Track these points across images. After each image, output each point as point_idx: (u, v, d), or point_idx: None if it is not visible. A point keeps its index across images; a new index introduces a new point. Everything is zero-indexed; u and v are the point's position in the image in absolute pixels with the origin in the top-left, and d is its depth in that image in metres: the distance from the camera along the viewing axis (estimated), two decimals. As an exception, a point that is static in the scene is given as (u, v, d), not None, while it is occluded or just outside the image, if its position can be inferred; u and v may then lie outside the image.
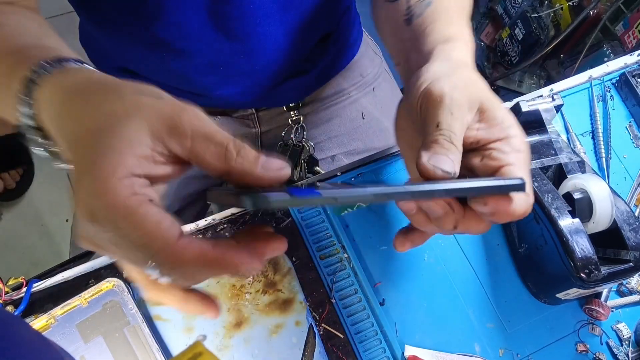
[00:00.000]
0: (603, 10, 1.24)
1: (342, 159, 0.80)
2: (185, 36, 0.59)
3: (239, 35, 0.60)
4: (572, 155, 0.55)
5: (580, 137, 0.65)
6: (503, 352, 0.55)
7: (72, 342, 0.49)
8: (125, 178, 0.28)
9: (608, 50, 1.28)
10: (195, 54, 0.61)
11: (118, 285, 0.51)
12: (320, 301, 0.55)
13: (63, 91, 0.33)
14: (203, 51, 0.61)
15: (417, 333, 0.54)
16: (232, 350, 0.51)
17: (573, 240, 0.48)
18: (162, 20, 0.56)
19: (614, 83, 0.69)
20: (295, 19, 0.62)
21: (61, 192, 1.47)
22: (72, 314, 0.50)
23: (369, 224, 0.59)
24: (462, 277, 0.57)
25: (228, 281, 0.54)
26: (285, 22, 0.61)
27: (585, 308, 0.56)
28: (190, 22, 0.57)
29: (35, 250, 1.40)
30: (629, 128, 0.67)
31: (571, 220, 0.49)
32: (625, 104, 0.68)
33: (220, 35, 0.60)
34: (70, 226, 0.77)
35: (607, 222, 0.50)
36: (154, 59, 0.63)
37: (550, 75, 1.46)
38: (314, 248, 0.56)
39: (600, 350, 0.56)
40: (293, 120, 0.78)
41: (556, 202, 0.51)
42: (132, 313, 0.50)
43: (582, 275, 0.47)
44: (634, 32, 1.21)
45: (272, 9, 0.59)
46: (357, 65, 0.81)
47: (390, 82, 0.87)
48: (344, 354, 0.53)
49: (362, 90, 0.81)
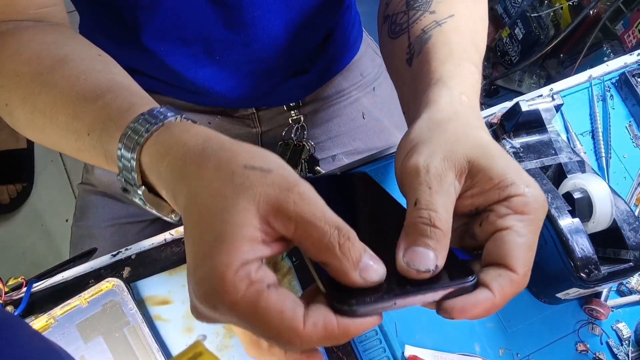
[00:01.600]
0: (603, 10, 1.24)
1: (343, 158, 0.80)
2: (184, 23, 0.59)
3: (236, 22, 0.60)
4: (572, 155, 0.55)
5: (580, 136, 0.65)
6: (503, 351, 0.55)
7: (72, 342, 0.49)
8: (241, 269, 0.27)
9: (608, 50, 1.28)
10: (191, 42, 0.61)
11: (118, 285, 0.51)
12: (320, 301, 0.55)
13: (173, 156, 0.33)
14: (199, 40, 0.61)
15: (417, 333, 0.54)
16: (232, 350, 0.51)
17: (573, 240, 0.48)
18: (160, 6, 0.56)
19: (614, 83, 0.69)
20: (295, 15, 0.62)
21: (61, 192, 1.47)
22: (71, 314, 0.50)
23: (369, 224, 0.59)
24: (462, 277, 0.57)
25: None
26: (284, 15, 0.61)
27: (585, 308, 0.56)
28: (188, 8, 0.57)
29: (35, 250, 1.39)
30: (628, 128, 0.67)
31: (571, 219, 0.49)
32: (625, 104, 0.68)
33: (218, 23, 0.59)
34: (71, 226, 0.77)
35: (607, 221, 0.50)
36: (152, 57, 0.62)
37: (550, 74, 1.46)
38: (314, 248, 0.56)
39: (600, 350, 0.56)
40: (293, 120, 0.78)
41: (556, 201, 0.51)
42: (132, 313, 0.50)
43: (582, 274, 0.47)
44: (633, 31, 1.21)
45: (271, 1, 0.59)
46: (357, 65, 0.81)
47: (391, 82, 0.87)
48: (343, 353, 0.52)
49: (362, 90, 0.81)
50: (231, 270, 0.27)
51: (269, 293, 0.28)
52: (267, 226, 0.29)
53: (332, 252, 0.28)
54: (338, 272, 0.29)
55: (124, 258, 0.55)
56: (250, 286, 0.27)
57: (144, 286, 0.53)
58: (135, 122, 0.35)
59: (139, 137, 0.34)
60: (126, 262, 0.55)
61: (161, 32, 0.59)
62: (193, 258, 0.29)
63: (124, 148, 0.35)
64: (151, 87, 0.64)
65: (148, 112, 0.35)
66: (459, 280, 0.30)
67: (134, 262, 0.55)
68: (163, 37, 0.60)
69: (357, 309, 0.28)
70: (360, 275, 0.29)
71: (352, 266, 0.28)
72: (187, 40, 0.61)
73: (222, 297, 0.27)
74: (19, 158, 1.42)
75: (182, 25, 0.59)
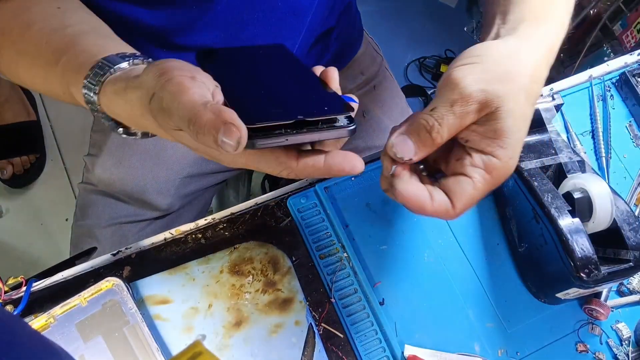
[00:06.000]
0: (603, 10, 1.24)
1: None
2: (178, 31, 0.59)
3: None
4: (572, 155, 0.55)
5: (580, 136, 0.65)
6: (503, 351, 0.55)
7: (71, 341, 0.49)
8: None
9: (608, 50, 1.28)
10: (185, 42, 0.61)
11: (117, 284, 0.51)
12: (320, 301, 0.55)
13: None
14: (194, 39, 0.61)
15: (416, 332, 0.54)
16: (231, 349, 0.51)
17: (573, 240, 0.48)
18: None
19: (614, 82, 0.69)
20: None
21: (61, 191, 1.47)
22: (71, 313, 0.50)
23: (369, 224, 0.59)
24: (461, 277, 0.57)
25: (227, 281, 0.54)
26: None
27: (585, 308, 0.56)
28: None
29: (35, 249, 1.39)
30: (629, 127, 0.67)
31: (571, 219, 0.49)
32: (625, 104, 0.68)
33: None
34: (71, 225, 0.77)
35: (607, 221, 0.50)
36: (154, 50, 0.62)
37: (550, 74, 1.46)
38: (314, 247, 0.56)
39: (600, 350, 0.56)
40: None
41: (556, 201, 0.51)
42: (132, 312, 0.50)
43: (582, 274, 0.47)
44: (632, 31, 1.21)
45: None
46: (357, 64, 0.81)
47: (391, 80, 0.87)
48: (343, 353, 0.52)
49: (362, 88, 0.81)
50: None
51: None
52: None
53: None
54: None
55: (123, 257, 0.55)
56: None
57: (143, 285, 0.53)
58: (86, 80, 0.41)
59: (93, 93, 0.41)
60: (126, 261, 0.55)
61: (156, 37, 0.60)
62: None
63: (86, 101, 0.42)
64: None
65: (91, 69, 0.41)
66: (340, 127, 0.36)
67: (134, 261, 0.55)
68: (158, 43, 0.60)
69: (256, 141, 0.33)
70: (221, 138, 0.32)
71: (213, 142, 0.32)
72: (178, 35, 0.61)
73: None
74: (30, 130, 1.45)
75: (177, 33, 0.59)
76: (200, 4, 0.56)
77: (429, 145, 0.37)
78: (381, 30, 1.79)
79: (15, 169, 1.41)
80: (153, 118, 0.35)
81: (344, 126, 0.36)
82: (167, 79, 0.33)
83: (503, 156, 0.37)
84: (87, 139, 0.79)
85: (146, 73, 0.35)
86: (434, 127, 0.37)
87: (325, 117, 0.35)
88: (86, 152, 0.78)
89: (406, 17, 1.86)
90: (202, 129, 0.31)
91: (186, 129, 0.32)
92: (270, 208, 0.59)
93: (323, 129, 0.35)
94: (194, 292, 0.53)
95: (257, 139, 0.33)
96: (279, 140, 0.34)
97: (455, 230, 0.59)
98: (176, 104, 0.32)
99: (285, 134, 0.34)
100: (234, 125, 0.31)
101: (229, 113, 0.31)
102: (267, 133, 0.33)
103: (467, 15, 1.86)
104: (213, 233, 0.57)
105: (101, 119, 0.43)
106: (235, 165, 0.38)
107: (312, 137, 0.35)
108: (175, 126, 0.33)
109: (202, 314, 0.53)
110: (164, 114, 0.33)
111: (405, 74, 1.76)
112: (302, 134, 0.34)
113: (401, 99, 0.87)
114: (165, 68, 0.34)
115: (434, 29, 1.85)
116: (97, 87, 0.40)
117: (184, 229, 0.57)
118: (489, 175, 0.38)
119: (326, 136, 0.35)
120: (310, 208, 0.58)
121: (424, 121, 0.37)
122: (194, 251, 0.56)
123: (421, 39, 1.82)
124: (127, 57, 0.42)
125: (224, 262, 0.55)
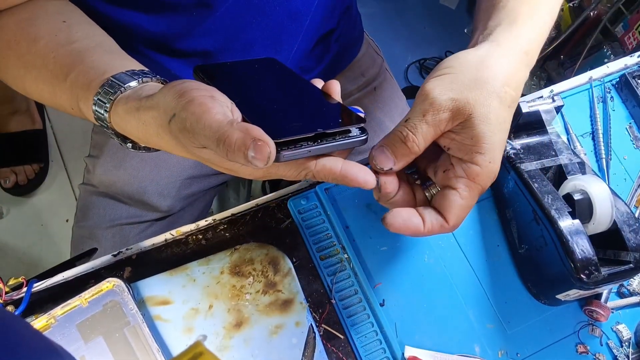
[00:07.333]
0: (603, 12, 1.25)
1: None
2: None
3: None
4: (572, 156, 0.55)
5: (581, 138, 0.65)
6: (503, 353, 0.55)
7: (72, 342, 0.49)
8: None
9: (608, 52, 1.28)
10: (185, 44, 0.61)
11: (118, 285, 0.51)
12: (321, 302, 0.55)
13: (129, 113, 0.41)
14: (194, 44, 0.61)
15: (417, 334, 0.54)
16: (232, 350, 0.51)
17: (573, 241, 0.48)
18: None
19: (614, 84, 0.69)
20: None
21: (62, 192, 1.47)
22: (72, 314, 0.50)
23: (369, 225, 0.59)
24: (462, 278, 0.57)
25: (228, 282, 0.54)
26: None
27: (585, 309, 0.56)
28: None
29: (35, 250, 1.40)
30: (629, 129, 0.67)
31: (571, 221, 0.49)
32: (625, 105, 0.68)
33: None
34: (71, 226, 0.77)
35: (607, 223, 0.50)
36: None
37: (551, 76, 1.46)
38: (314, 248, 0.56)
39: (601, 351, 0.56)
40: None
41: (556, 203, 0.51)
42: (132, 313, 0.50)
43: (582, 276, 0.47)
44: (633, 33, 1.21)
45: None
46: (358, 65, 0.81)
47: (392, 82, 0.87)
48: (344, 354, 0.53)
49: (363, 89, 0.81)
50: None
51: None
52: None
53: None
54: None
55: (124, 258, 0.55)
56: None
57: (144, 286, 0.53)
58: (95, 97, 0.41)
59: (104, 110, 0.41)
60: (127, 262, 0.55)
61: (156, 42, 0.60)
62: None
63: (96, 118, 0.42)
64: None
65: (101, 87, 0.41)
66: (354, 137, 0.39)
67: (135, 262, 0.55)
68: (158, 48, 0.60)
69: (282, 154, 0.36)
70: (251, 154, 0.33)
71: (243, 158, 0.33)
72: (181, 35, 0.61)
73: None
74: (35, 139, 1.46)
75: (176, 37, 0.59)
76: (201, 10, 0.56)
77: (407, 154, 0.39)
78: (382, 31, 1.79)
79: (18, 177, 1.41)
80: (173, 138, 0.36)
81: (357, 136, 0.39)
82: (187, 100, 0.34)
83: (482, 161, 0.39)
84: (88, 141, 0.79)
85: (163, 94, 0.35)
86: (408, 137, 0.39)
87: (342, 129, 0.38)
88: (87, 153, 0.79)
89: (407, 19, 1.86)
90: (231, 147, 0.32)
91: (215, 148, 0.33)
92: (271, 209, 0.59)
93: (339, 139, 0.38)
94: (194, 293, 0.53)
95: (283, 152, 0.35)
96: (302, 152, 0.36)
97: (456, 231, 0.59)
98: (202, 124, 0.33)
99: (307, 146, 0.36)
100: (263, 142, 0.32)
101: (257, 130, 0.32)
102: (290, 146, 0.36)
103: (467, 16, 1.87)
104: (214, 234, 0.57)
105: (110, 135, 0.43)
106: (253, 177, 0.40)
107: (330, 147, 0.38)
108: (200, 145, 0.34)
109: (202, 315, 0.53)
110: (187, 134, 0.34)
111: (405, 75, 1.77)
112: (322, 144, 0.37)
113: (402, 100, 0.88)
114: (184, 89, 0.35)
115: (434, 31, 1.85)
116: (108, 104, 0.41)
117: (185, 230, 0.57)
118: (473, 182, 0.39)
119: (342, 146, 0.38)
120: (311, 209, 0.58)
121: (398, 132, 0.40)
122: (195, 252, 0.56)
123: (421, 41, 1.82)
124: (136, 75, 0.42)
125: (224, 263, 0.55)
